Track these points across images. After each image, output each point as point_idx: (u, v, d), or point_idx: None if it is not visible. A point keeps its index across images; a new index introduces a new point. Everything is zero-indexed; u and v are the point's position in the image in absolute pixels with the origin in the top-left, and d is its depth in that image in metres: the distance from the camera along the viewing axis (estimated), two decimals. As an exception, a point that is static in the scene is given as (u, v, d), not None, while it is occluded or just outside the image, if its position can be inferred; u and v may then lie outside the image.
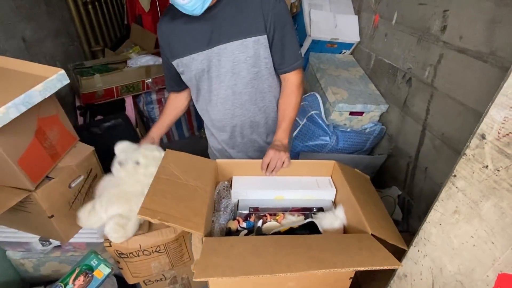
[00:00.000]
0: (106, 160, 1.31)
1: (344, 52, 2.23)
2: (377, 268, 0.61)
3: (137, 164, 1.03)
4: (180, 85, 1.19)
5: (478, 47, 1.21)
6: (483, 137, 0.59)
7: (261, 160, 1.06)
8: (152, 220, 0.70)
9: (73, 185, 1.19)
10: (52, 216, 1.12)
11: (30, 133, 1.03)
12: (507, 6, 1.09)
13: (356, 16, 2.14)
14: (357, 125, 1.85)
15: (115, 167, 1.05)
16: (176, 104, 1.27)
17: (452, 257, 0.69)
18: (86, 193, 1.27)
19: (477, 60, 1.21)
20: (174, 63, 1.08)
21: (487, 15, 1.16)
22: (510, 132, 0.53)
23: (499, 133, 0.55)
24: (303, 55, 1.23)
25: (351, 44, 2.16)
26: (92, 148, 1.29)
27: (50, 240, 1.27)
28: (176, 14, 0.98)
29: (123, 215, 1.04)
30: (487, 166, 0.59)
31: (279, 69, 1.06)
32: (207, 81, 1.07)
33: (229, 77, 1.03)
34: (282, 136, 1.04)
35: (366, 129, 1.81)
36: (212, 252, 0.66)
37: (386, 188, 1.79)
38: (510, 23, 1.08)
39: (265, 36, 0.97)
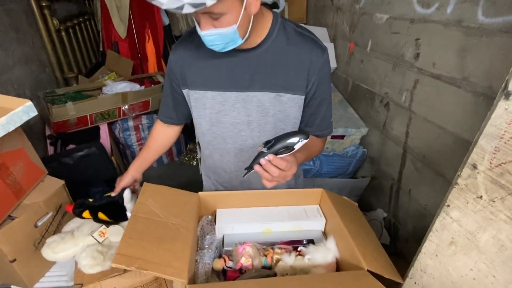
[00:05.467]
0: (79, 193, 1.21)
1: (322, 78, 2.28)
2: (379, 311, 0.57)
3: None
4: (179, 117, 1.05)
5: (451, 73, 1.26)
6: (474, 167, 0.58)
7: (245, 191, 1.01)
8: (128, 269, 0.62)
9: (39, 223, 1.08)
10: (14, 260, 1.00)
11: (-9, 169, 0.93)
12: (474, 36, 1.15)
13: (332, 44, 2.22)
14: (339, 148, 1.86)
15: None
16: (165, 137, 1.11)
17: (452, 291, 0.66)
18: (55, 232, 1.16)
19: (451, 85, 1.27)
20: (185, 92, 0.96)
21: (456, 44, 1.22)
22: (502, 163, 0.53)
23: (491, 163, 0.55)
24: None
25: (329, 70, 2.22)
26: (62, 182, 1.19)
27: (12, 286, 1.13)
28: (201, 42, 0.83)
29: (103, 244, 0.99)
30: (481, 197, 0.57)
31: (311, 131, 0.97)
32: (221, 124, 0.96)
33: (253, 127, 0.94)
34: (299, 157, 0.87)
35: (348, 152, 1.82)
36: (197, 302, 0.59)
37: (371, 211, 1.78)
38: (479, 51, 1.14)
39: (303, 96, 0.88)
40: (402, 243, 1.63)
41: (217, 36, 0.73)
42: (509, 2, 1.02)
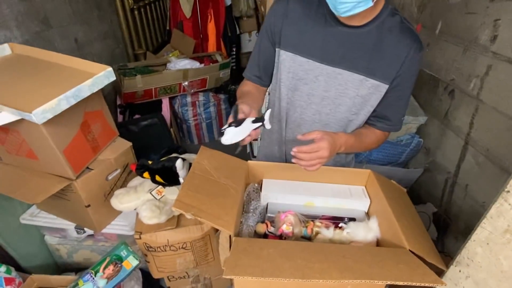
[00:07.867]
0: (141, 157, 1.37)
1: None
2: (417, 284, 0.57)
3: None
4: (267, 77, 1.02)
5: (534, 58, 1.12)
6: (543, 151, 0.54)
7: (292, 164, 1.04)
8: (186, 214, 0.71)
9: (110, 177, 1.24)
10: (89, 205, 1.18)
11: (76, 125, 1.09)
12: None
13: (397, 26, 2.08)
14: (392, 136, 1.77)
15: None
16: (260, 97, 1.04)
17: (501, 280, 0.63)
18: (121, 187, 1.32)
19: (532, 72, 1.13)
20: (277, 50, 0.93)
21: (545, 24, 1.08)
22: None
23: None
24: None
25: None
26: (130, 143, 1.34)
27: (85, 228, 1.33)
28: (311, 5, 0.85)
29: (160, 200, 1.12)
30: (546, 183, 0.54)
31: (378, 123, 0.96)
32: (297, 92, 0.95)
33: (325, 103, 0.93)
34: (347, 140, 0.87)
35: (402, 140, 1.74)
36: (242, 251, 0.66)
37: (420, 204, 1.70)
38: None
39: (387, 86, 0.86)
40: (450, 241, 1.53)
41: None
42: None
